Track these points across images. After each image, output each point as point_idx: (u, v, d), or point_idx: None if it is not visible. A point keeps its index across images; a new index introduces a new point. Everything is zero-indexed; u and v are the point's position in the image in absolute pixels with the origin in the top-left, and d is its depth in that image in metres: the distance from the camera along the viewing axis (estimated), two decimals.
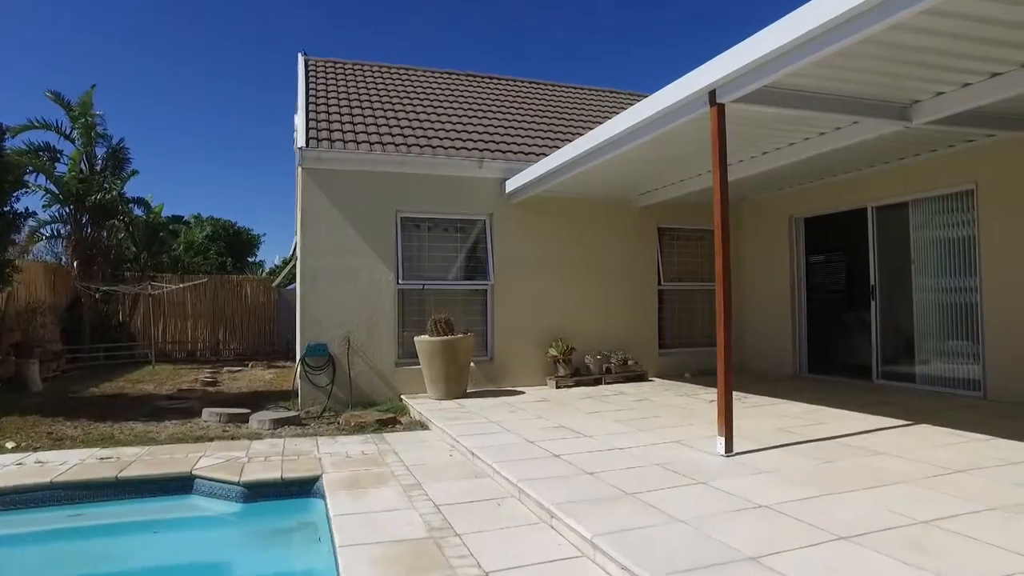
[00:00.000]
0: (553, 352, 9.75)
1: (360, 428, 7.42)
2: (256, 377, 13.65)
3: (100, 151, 17.00)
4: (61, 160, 16.60)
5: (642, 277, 10.73)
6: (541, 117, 12.42)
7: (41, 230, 17.18)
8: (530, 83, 14.54)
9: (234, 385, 12.30)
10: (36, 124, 16.42)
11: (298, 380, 8.96)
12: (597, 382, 9.86)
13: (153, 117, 50.76)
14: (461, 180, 9.71)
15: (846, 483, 4.23)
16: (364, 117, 10.58)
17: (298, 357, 8.93)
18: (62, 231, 16.96)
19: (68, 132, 16.63)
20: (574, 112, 13.15)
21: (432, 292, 9.68)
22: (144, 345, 17.11)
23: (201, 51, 54.68)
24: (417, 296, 9.64)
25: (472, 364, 9.30)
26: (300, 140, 9.06)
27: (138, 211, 18.11)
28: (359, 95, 11.65)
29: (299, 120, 9.71)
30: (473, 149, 10.09)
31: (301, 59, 12.65)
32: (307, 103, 10.56)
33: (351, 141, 9.49)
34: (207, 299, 19.34)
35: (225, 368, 15.64)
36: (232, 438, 6.92)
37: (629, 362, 10.14)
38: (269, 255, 44.19)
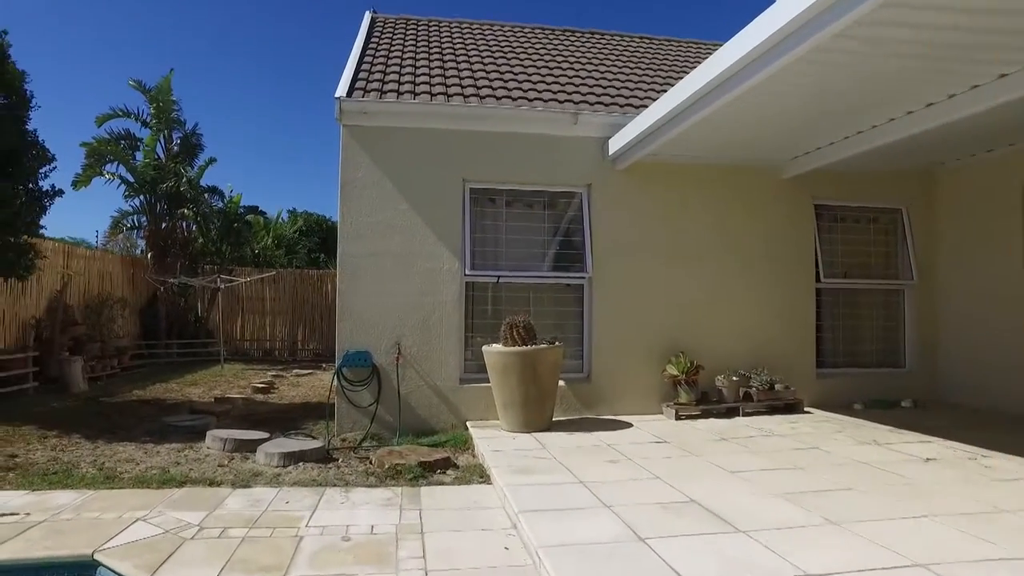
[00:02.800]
0: (672, 370, 7.19)
1: (395, 473, 5.25)
2: (321, 384, 11.93)
3: (176, 137, 16.10)
4: (140, 149, 15.88)
5: (793, 271, 7.92)
6: (656, 70, 9.85)
7: (124, 221, 16.60)
8: (640, 38, 11.97)
9: (289, 393, 10.61)
10: (118, 112, 15.81)
11: (334, 397, 6.95)
12: (731, 413, 7.21)
13: (249, 109, 51.27)
14: (550, 140, 7.37)
15: None
16: (430, 67, 8.47)
17: (336, 367, 6.93)
18: (143, 222, 16.23)
19: (148, 120, 15.88)
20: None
21: (510, 287, 7.40)
22: (222, 342, 15.98)
23: (304, 48, 55.11)
24: (491, 292, 7.40)
25: (561, 383, 6.94)
26: (341, 88, 7.07)
27: (216, 202, 17.11)
28: (428, 47, 9.59)
29: (346, 72, 7.75)
30: (566, 101, 7.71)
31: (368, 16, 10.80)
32: (362, 53, 8.60)
33: (408, 92, 7.39)
34: (286, 295, 18.12)
35: (295, 371, 14.18)
36: (211, 483, 4.92)
37: (776, 386, 7.39)
38: None
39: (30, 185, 8.73)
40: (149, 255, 15.53)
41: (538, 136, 7.34)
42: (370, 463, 5.66)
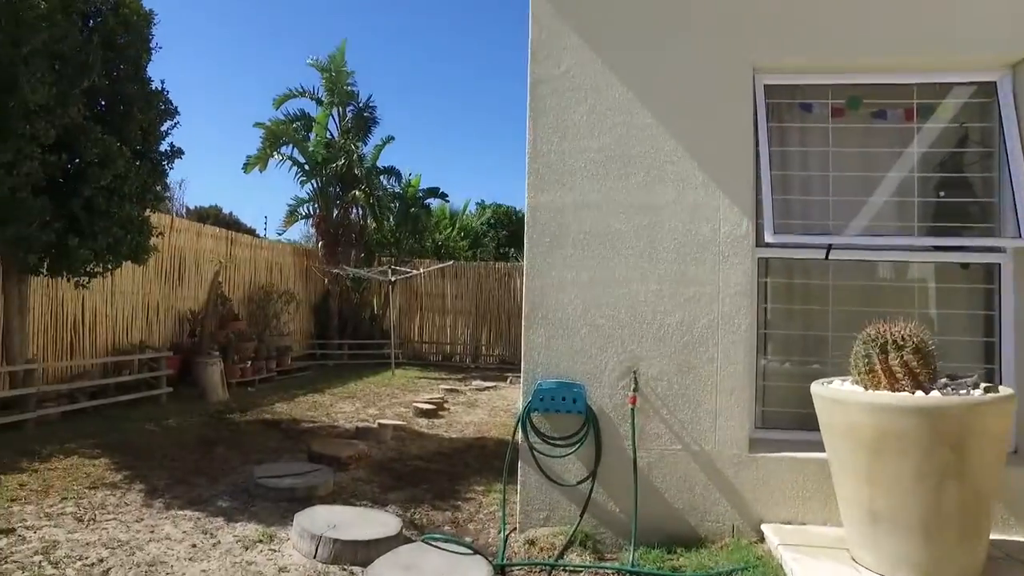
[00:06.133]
0: None
1: None
2: (505, 405, 9.18)
3: (349, 112, 14.44)
4: (314, 129, 14.47)
5: None
6: None
7: (299, 209, 15.32)
8: None
9: (461, 418, 7.95)
10: (295, 93, 14.57)
11: (516, 457, 3.94)
12: None
13: (434, 94, 50.13)
14: None
15: None
16: None
17: (520, 411, 3.92)
18: (316, 209, 14.81)
19: (322, 97, 14.44)
20: None
21: (839, 269, 3.92)
22: (395, 343, 13.99)
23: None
24: (804, 276, 3.99)
25: None
26: None
27: (392, 185, 15.22)
28: None
29: None
30: None
31: None
32: None
33: None
34: (469, 292, 15.79)
35: (474, 382, 11.67)
36: None
37: None
38: None
39: (149, 143, 6.88)
40: (319, 244, 14.00)
41: None
42: None
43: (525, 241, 3.92)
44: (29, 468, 4.98)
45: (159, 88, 7.03)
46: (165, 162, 7.00)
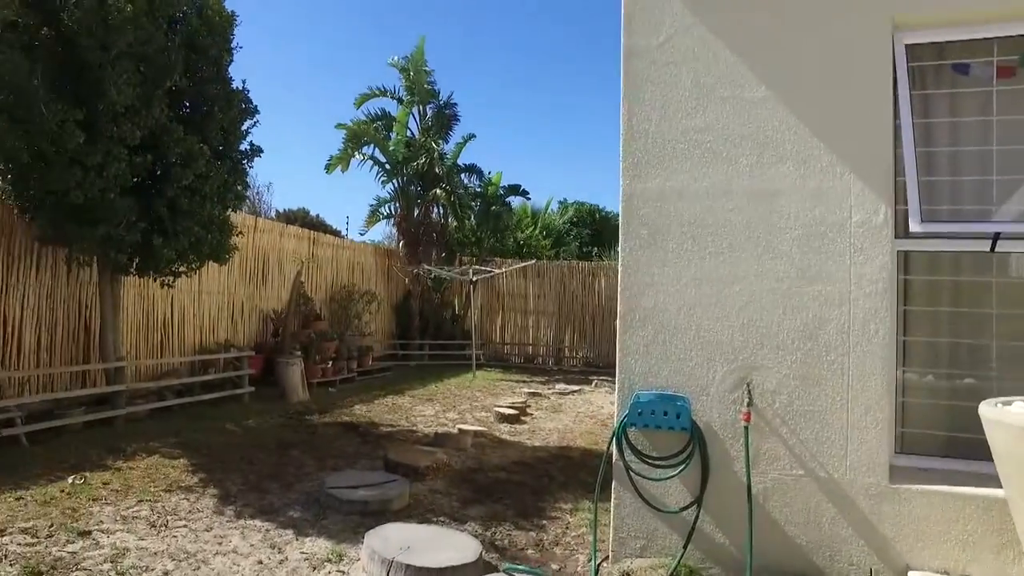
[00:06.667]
0: None
1: None
2: (589, 411, 8.71)
3: (429, 110, 14.32)
4: (395, 129, 14.44)
5: None
6: None
7: (380, 209, 15.36)
8: None
9: (544, 425, 7.56)
10: (376, 92, 14.57)
11: (608, 474, 3.49)
12: None
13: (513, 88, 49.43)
14: None
15: None
16: None
17: (615, 425, 3.48)
18: (397, 209, 14.80)
19: (402, 96, 14.40)
20: None
21: (1010, 260, 3.26)
22: (476, 344, 13.74)
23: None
24: (955, 272, 3.35)
25: None
26: None
27: (473, 183, 15.00)
28: None
29: None
30: None
31: None
32: None
33: None
34: (552, 292, 15.37)
35: (558, 385, 11.26)
36: None
37: None
38: None
39: (230, 142, 6.87)
40: (400, 244, 13.97)
41: None
42: None
43: (620, 234, 3.47)
44: (113, 467, 4.98)
45: (239, 87, 7.03)
46: (245, 161, 6.98)
